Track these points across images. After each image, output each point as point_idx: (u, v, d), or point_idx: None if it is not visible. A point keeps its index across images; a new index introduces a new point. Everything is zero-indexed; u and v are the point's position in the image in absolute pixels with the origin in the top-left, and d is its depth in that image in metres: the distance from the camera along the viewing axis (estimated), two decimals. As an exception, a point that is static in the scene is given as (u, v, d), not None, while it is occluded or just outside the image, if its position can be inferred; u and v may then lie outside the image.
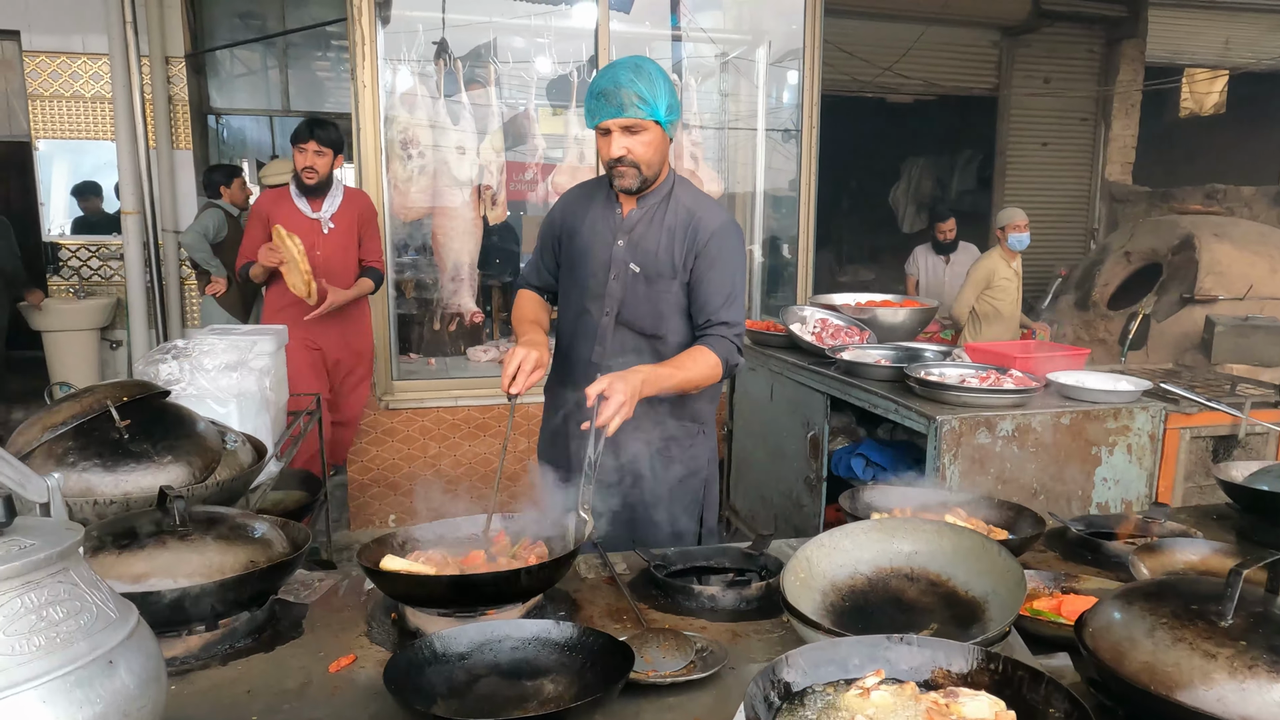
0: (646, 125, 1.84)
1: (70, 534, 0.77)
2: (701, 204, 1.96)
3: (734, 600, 1.50)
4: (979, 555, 1.38)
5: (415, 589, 1.36)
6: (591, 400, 1.62)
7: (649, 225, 1.95)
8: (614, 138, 1.84)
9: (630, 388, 1.63)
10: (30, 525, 0.76)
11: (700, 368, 1.85)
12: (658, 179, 1.95)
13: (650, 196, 1.97)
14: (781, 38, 5.41)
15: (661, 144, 1.89)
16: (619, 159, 1.86)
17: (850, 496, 1.78)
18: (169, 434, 1.71)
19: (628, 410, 1.63)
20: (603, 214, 2.00)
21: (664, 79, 1.84)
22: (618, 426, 1.61)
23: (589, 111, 1.87)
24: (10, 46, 5.61)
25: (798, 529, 3.30)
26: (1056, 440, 2.54)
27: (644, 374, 1.70)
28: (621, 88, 1.80)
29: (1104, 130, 7.68)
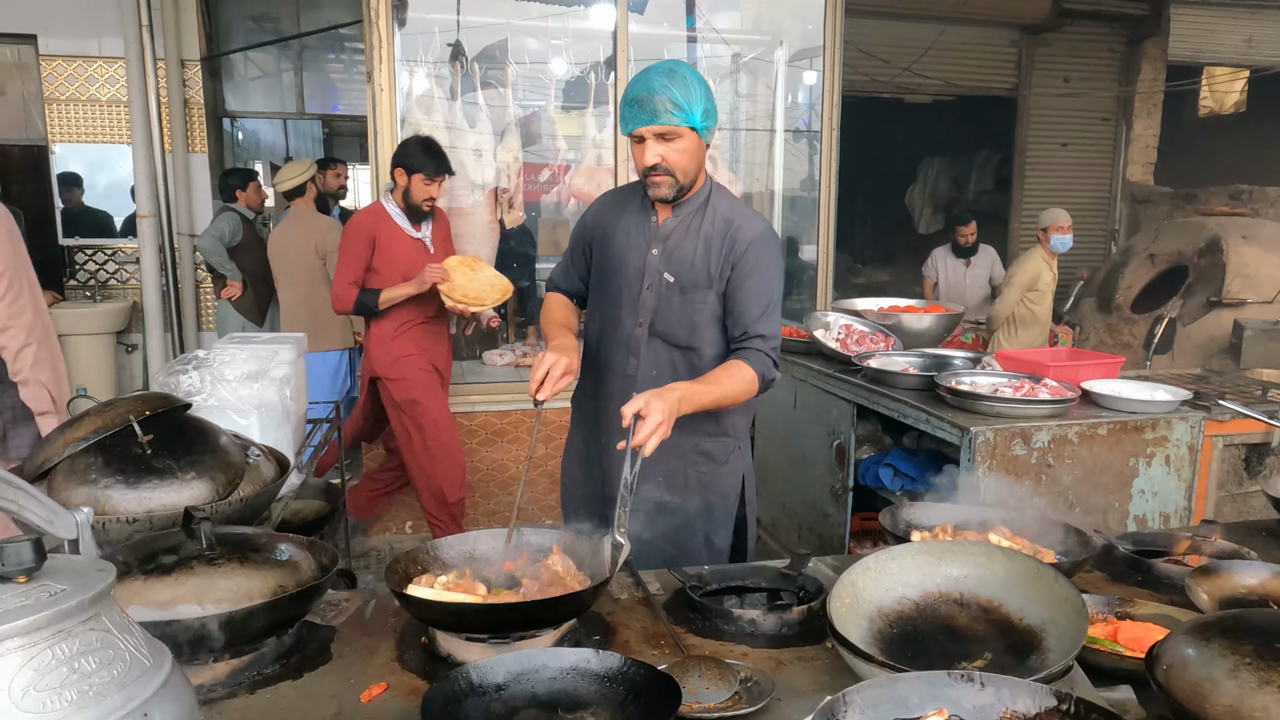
0: (681, 132, 1.78)
1: (102, 576, 0.72)
2: (739, 212, 1.91)
3: (775, 625, 1.45)
4: (1033, 581, 1.32)
5: (445, 616, 1.32)
6: (627, 420, 1.56)
7: (685, 234, 1.90)
8: (648, 145, 1.79)
9: (668, 406, 1.58)
10: (60, 567, 0.72)
11: (737, 383, 1.79)
12: (694, 186, 1.90)
13: (686, 204, 1.91)
14: (797, 38, 5.36)
15: (698, 151, 1.84)
16: (653, 167, 1.81)
17: (890, 514, 1.73)
18: (192, 449, 1.67)
19: (665, 430, 1.57)
20: (637, 221, 1.95)
21: (700, 84, 1.79)
22: (655, 447, 1.56)
23: (623, 119, 1.82)
24: (27, 50, 5.61)
25: (822, 539, 3.24)
26: (1093, 452, 2.48)
27: (681, 391, 1.65)
28: (655, 94, 1.75)
29: (1125, 130, 7.58)
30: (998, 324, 5.12)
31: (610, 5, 4.56)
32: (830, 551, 3.17)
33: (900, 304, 3.91)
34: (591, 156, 4.69)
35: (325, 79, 6.80)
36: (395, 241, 3.55)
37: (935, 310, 3.70)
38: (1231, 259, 5.25)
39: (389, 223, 3.57)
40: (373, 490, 4.06)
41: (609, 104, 4.64)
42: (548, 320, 1.98)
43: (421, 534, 4.34)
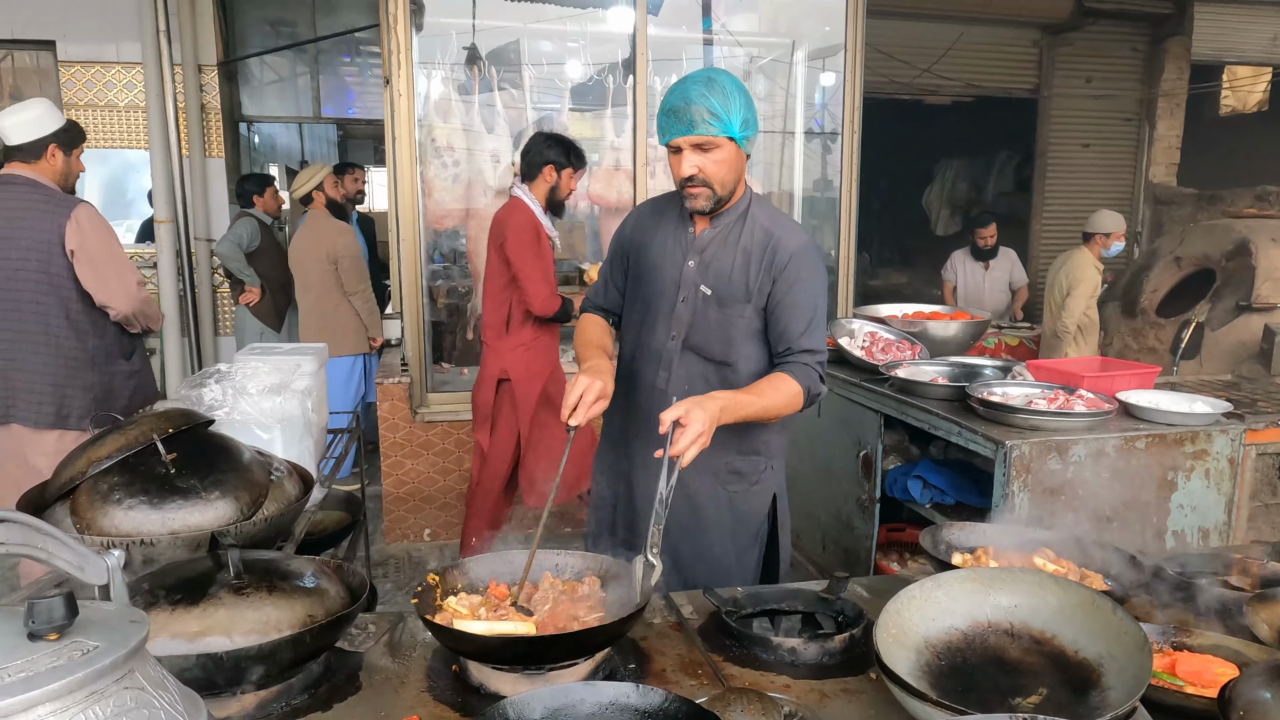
0: (719, 142, 1.73)
1: (135, 628, 0.69)
2: (780, 224, 1.85)
3: (817, 654, 1.40)
4: (1088, 612, 1.27)
5: (478, 647, 1.28)
6: (665, 427, 1.50)
7: (723, 245, 1.85)
8: (685, 156, 1.75)
9: (709, 415, 1.52)
10: (92, 619, 0.68)
11: (781, 396, 1.73)
12: (733, 197, 1.84)
13: (725, 215, 1.86)
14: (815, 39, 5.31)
15: (736, 161, 1.78)
16: (690, 178, 1.76)
17: (930, 535, 1.68)
18: (215, 468, 1.64)
19: (705, 440, 1.51)
20: (674, 232, 1.90)
21: (739, 92, 1.74)
22: (693, 458, 1.51)
23: (659, 129, 1.78)
24: (46, 57, 5.63)
25: (848, 551, 3.19)
26: (1131, 466, 2.41)
27: (722, 400, 1.59)
28: (692, 104, 1.70)
29: (1148, 130, 7.47)
30: (1068, 334, 5.04)
31: (628, 8, 4.52)
32: (856, 564, 3.12)
33: (925, 310, 3.85)
34: (610, 160, 4.65)
35: (340, 82, 6.80)
36: (545, 240, 3.54)
37: (961, 317, 3.64)
38: (1261, 262, 5.15)
39: (539, 221, 3.53)
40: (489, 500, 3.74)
41: (626, 107, 4.61)
42: (581, 341, 1.93)
43: (439, 541, 4.31)
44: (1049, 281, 5.36)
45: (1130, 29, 7.33)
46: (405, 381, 4.14)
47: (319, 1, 6.22)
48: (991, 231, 6.01)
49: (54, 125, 2.82)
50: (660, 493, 1.46)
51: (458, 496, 4.29)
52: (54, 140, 2.81)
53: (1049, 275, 5.41)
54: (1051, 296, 5.28)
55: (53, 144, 2.81)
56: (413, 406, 4.18)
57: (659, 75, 4.66)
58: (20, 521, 0.68)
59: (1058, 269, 5.29)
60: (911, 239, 9.93)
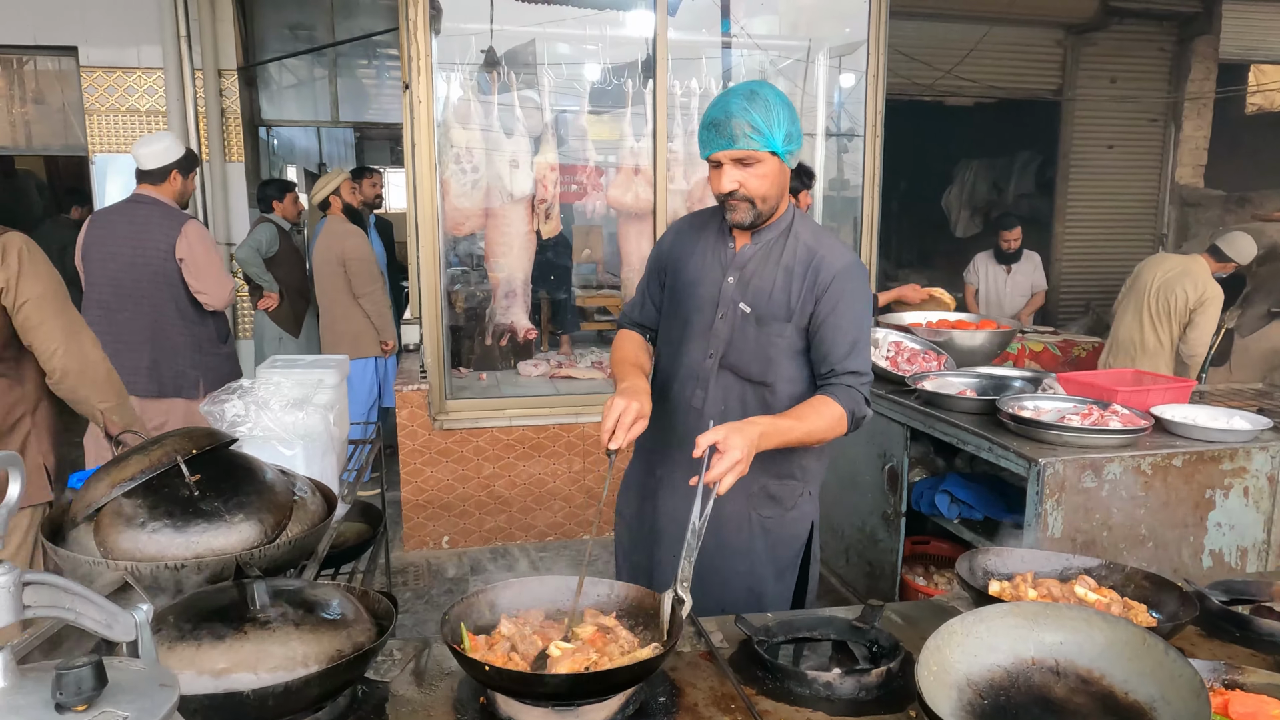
0: (761, 157, 1.69)
1: (166, 694, 0.66)
2: (823, 241, 1.80)
3: (853, 688, 1.36)
4: (1138, 651, 1.23)
5: (505, 681, 1.25)
6: (700, 451, 1.46)
7: (764, 262, 1.80)
8: (725, 170, 1.70)
9: (748, 441, 1.48)
10: (121, 684, 0.66)
11: (824, 420, 1.68)
12: (775, 213, 1.80)
13: (766, 231, 1.81)
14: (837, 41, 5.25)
15: (779, 176, 1.74)
16: (731, 193, 1.72)
17: (967, 562, 1.63)
18: (239, 489, 1.62)
19: (743, 467, 1.47)
20: (713, 247, 1.85)
21: (782, 105, 1.69)
22: (730, 485, 1.46)
23: (700, 142, 1.73)
24: (68, 62, 5.66)
25: (872, 564, 3.14)
26: (1168, 484, 2.36)
27: (762, 426, 1.54)
28: (733, 118, 1.65)
29: (1174, 131, 7.35)
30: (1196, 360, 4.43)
31: (647, 10, 4.48)
32: (881, 578, 3.08)
33: (949, 319, 3.79)
34: (629, 164, 4.62)
35: (358, 86, 6.81)
36: None
37: (987, 326, 3.58)
38: (1292, 267, 5.05)
39: None
40: None
41: (646, 109, 4.58)
42: (618, 359, 1.88)
43: (458, 548, 4.30)
44: (1153, 288, 4.53)
45: (1156, 28, 7.21)
46: (424, 388, 4.13)
47: (337, 6, 6.22)
48: (1016, 235, 5.92)
49: (177, 154, 3.45)
50: (693, 523, 1.41)
51: (477, 504, 4.28)
52: (175, 166, 3.45)
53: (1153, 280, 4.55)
54: (1159, 305, 4.50)
55: (174, 169, 3.44)
56: (432, 413, 4.17)
57: (678, 78, 4.62)
58: (48, 583, 0.66)
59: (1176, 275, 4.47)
60: (931, 241, 9.84)
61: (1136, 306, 4.61)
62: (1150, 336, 4.57)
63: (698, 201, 4.69)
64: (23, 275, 2.06)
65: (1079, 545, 2.31)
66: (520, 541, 4.34)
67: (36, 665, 0.66)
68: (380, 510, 2.91)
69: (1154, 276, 4.56)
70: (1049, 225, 7.67)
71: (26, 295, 2.07)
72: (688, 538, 1.41)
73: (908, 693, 1.38)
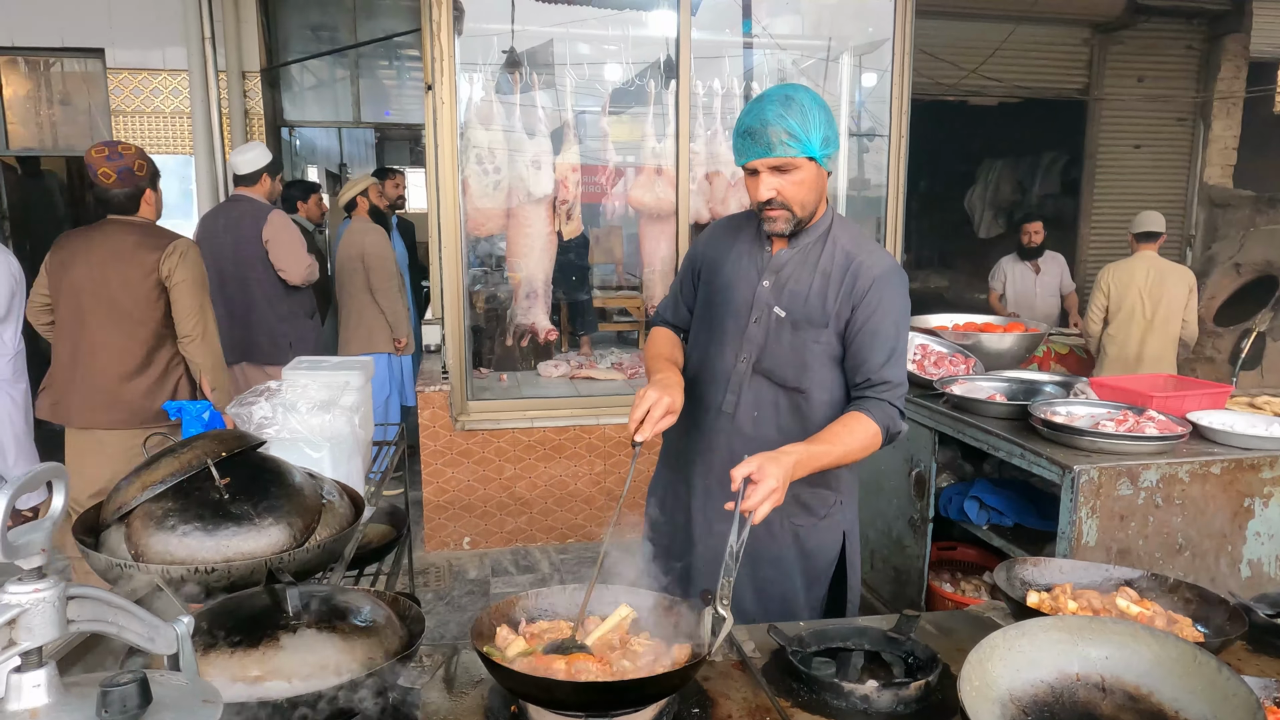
0: (798, 163, 1.66)
1: (209, 710, 0.65)
2: (862, 246, 1.77)
3: (890, 702, 1.34)
4: (1189, 669, 1.19)
5: (536, 690, 1.23)
6: (737, 484, 1.43)
7: (800, 266, 1.77)
8: (762, 178, 1.67)
9: (783, 471, 1.45)
10: (164, 702, 0.64)
11: (858, 440, 1.65)
12: (813, 218, 1.77)
13: (804, 235, 1.78)
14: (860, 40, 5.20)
15: (816, 181, 1.71)
16: (768, 201, 1.69)
17: (1005, 572, 1.60)
18: (268, 492, 1.62)
19: (778, 497, 1.44)
20: (749, 250, 1.83)
21: (818, 109, 1.66)
22: (766, 515, 1.44)
23: (736, 150, 1.71)
24: (95, 64, 5.72)
25: (898, 570, 3.11)
26: (1205, 492, 2.30)
27: (797, 454, 1.52)
28: (769, 125, 1.63)
29: (1203, 130, 7.23)
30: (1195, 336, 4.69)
31: (670, 10, 4.46)
32: (908, 584, 3.04)
33: (977, 321, 3.74)
34: (651, 164, 4.60)
35: (379, 86, 6.83)
36: None
37: (1015, 329, 3.53)
38: (1326, 269, 4.95)
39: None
40: None
41: (667, 109, 4.56)
42: (651, 354, 1.86)
43: (479, 549, 4.30)
44: (1144, 296, 4.70)
45: (1185, 26, 7.10)
46: (446, 389, 4.13)
47: (359, 7, 6.25)
48: (1037, 227, 5.84)
49: (265, 160, 4.17)
50: (730, 546, 1.39)
51: (498, 505, 4.28)
52: (265, 170, 4.15)
53: (1142, 289, 4.71)
54: (1161, 309, 4.69)
55: (264, 173, 4.15)
56: (453, 414, 4.17)
57: (699, 78, 4.59)
58: (91, 597, 0.65)
59: (1156, 276, 4.72)
60: (953, 241, 9.75)
61: (1129, 317, 4.72)
62: (1154, 343, 4.69)
63: (719, 202, 4.66)
64: (179, 266, 2.96)
65: (1113, 554, 2.27)
66: (541, 543, 4.33)
67: (79, 680, 0.65)
68: (403, 511, 2.91)
69: (1138, 286, 4.72)
70: (1074, 226, 7.57)
71: (179, 279, 2.96)
72: (726, 559, 1.39)
73: (947, 707, 1.36)
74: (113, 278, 2.92)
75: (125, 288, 2.92)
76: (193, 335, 3.00)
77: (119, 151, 2.92)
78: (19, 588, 0.61)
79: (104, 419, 2.95)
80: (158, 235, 3.00)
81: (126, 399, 2.95)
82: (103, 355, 2.94)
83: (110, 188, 2.93)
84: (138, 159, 2.97)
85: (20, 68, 5.91)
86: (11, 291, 4.08)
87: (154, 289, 2.94)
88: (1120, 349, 4.75)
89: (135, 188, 2.97)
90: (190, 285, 2.97)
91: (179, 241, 3.01)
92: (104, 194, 2.96)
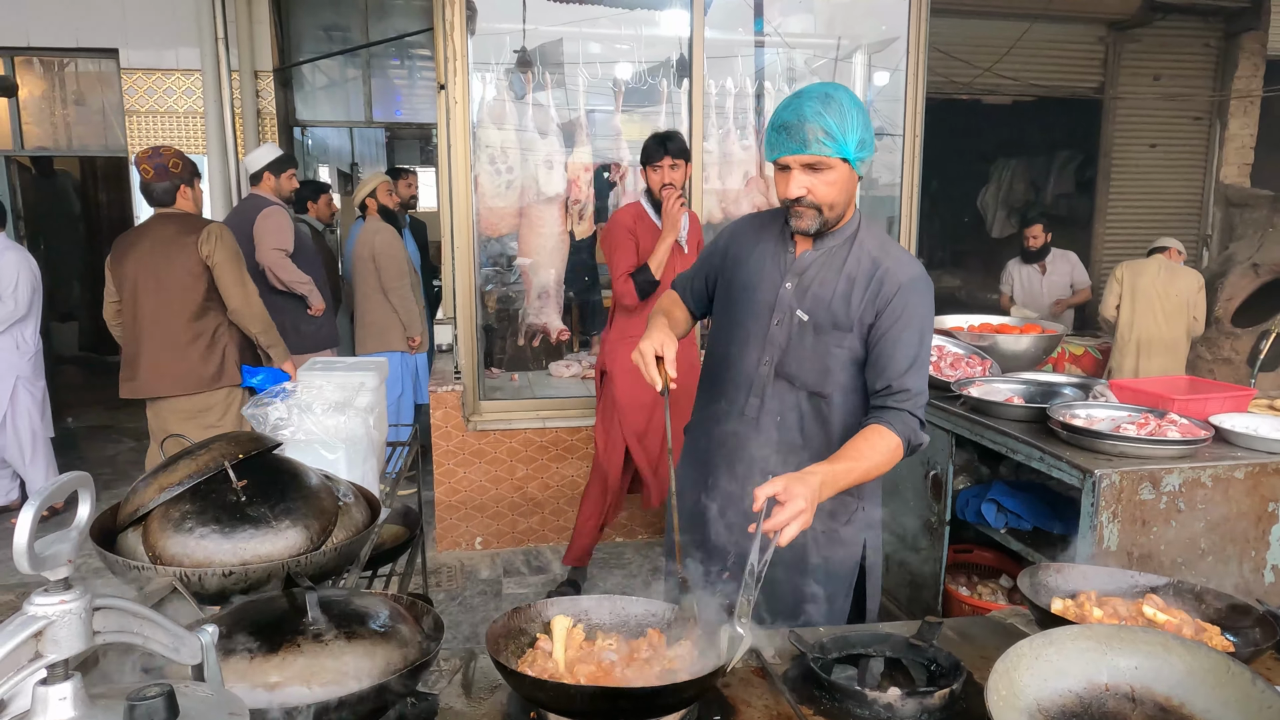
0: (832, 163, 1.63)
1: (236, 723, 0.63)
2: (889, 252, 1.74)
3: (914, 711, 1.32)
4: (1221, 679, 1.17)
5: (554, 697, 1.22)
6: (760, 504, 1.42)
7: (825, 269, 1.75)
8: (793, 175, 1.65)
9: (810, 492, 1.43)
10: (191, 712, 0.63)
11: (880, 455, 1.62)
12: (841, 220, 1.74)
13: (830, 237, 1.76)
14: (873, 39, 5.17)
15: (848, 183, 1.68)
16: (798, 199, 1.66)
17: (1029, 578, 1.58)
18: (285, 495, 1.61)
19: (807, 519, 1.42)
20: (773, 250, 1.80)
21: (856, 110, 1.63)
22: (793, 538, 1.42)
23: (768, 144, 1.68)
24: (109, 64, 5.74)
25: (913, 574, 3.08)
26: (1229, 496, 2.27)
27: (822, 475, 1.50)
28: (806, 121, 1.60)
29: (1219, 129, 7.16)
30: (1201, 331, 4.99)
31: (683, 10, 4.44)
32: (924, 587, 3.02)
33: (992, 322, 3.71)
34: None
35: (390, 86, 6.84)
36: (649, 239, 3.47)
37: (1032, 331, 3.50)
38: (1347, 270, 4.89)
39: (647, 222, 3.51)
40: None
41: (680, 109, 4.54)
42: (657, 308, 1.91)
43: (491, 549, 4.29)
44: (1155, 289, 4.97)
45: (1201, 24, 7.03)
46: (458, 389, 4.12)
47: (371, 7, 6.25)
48: (1036, 231, 5.82)
49: (268, 158, 4.38)
50: (751, 565, 1.37)
51: (510, 505, 4.27)
52: (266, 168, 4.37)
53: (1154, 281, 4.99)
54: (1171, 304, 4.96)
55: (266, 170, 4.37)
56: (465, 414, 4.16)
57: (711, 77, 4.57)
58: (117, 608, 0.64)
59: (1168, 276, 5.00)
60: (965, 241, 9.69)
61: (1149, 306, 4.97)
62: (1167, 331, 4.95)
63: (732, 202, 4.64)
64: (216, 247, 3.30)
65: (1135, 559, 2.24)
66: (553, 543, 4.32)
67: (105, 691, 0.64)
68: (416, 512, 2.90)
69: (1150, 275, 5.01)
70: (1089, 225, 7.52)
71: (218, 259, 3.29)
72: (745, 577, 1.37)
73: (971, 715, 1.34)
74: (159, 263, 3.31)
75: (169, 270, 3.29)
76: (238, 308, 3.37)
77: (159, 152, 3.33)
78: (45, 599, 0.61)
79: (170, 386, 3.36)
80: (194, 222, 3.36)
81: (184, 367, 3.35)
82: (158, 332, 3.33)
83: (150, 182, 3.32)
84: (174, 157, 3.34)
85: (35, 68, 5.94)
86: (33, 288, 4.32)
87: (195, 268, 3.30)
88: (1134, 332, 5.01)
89: (171, 182, 3.33)
90: (227, 264, 3.32)
91: (212, 226, 3.35)
92: (146, 188, 3.35)
